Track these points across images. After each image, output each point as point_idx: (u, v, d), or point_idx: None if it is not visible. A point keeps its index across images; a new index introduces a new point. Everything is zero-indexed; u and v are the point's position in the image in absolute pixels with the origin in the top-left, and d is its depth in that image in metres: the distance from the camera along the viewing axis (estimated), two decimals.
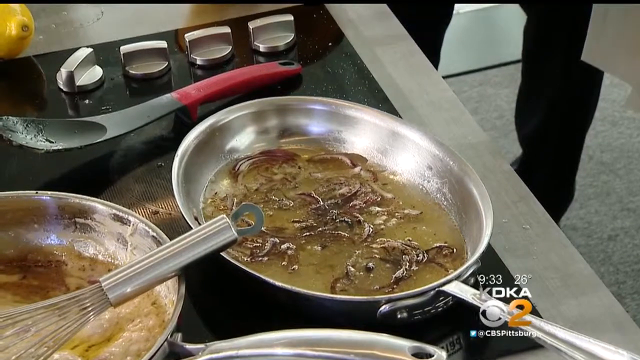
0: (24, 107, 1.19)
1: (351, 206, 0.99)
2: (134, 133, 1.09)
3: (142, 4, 1.33)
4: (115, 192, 1.03)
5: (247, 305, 0.88)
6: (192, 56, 1.23)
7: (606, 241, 2.15)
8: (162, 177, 1.03)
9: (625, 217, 2.22)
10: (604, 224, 2.20)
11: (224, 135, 1.04)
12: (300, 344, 0.76)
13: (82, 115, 1.13)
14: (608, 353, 0.78)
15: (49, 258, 0.91)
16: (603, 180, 2.31)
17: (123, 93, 1.19)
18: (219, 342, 0.78)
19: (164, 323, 0.83)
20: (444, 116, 1.14)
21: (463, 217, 0.96)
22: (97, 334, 0.84)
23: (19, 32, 1.19)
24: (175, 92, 1.12)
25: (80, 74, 1.18)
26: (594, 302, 0.91)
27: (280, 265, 0.91)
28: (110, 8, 1.34)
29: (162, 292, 0.86)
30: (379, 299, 0.84)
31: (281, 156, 1.06)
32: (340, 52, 1.24)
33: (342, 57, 1.23)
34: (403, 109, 1.12)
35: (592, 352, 0.78)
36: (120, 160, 1.08)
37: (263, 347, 0.77)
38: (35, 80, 1.22)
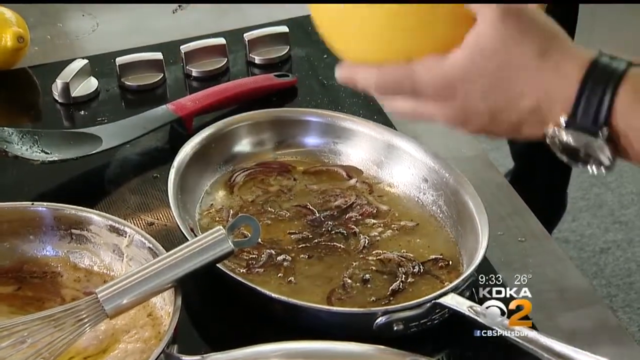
0: (19, 118, 1.19)
1: (347, 218, 0.99)
2: (129, 144, 1.09)
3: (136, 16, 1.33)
4: (111, 203, 1.02)
5: (243, 317, 0.88)
6: (187, 68, 1.23)
7: (598, 254, 2.15)
8: (158, 188, 1.03)
9: (617, 230, 2.22)
10: (596, 237, 2.20)
11: (219, 147, 1.04)
12: (296, 355, 0.76)
13: (78, 126, 1.13)
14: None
15: (45, 269, 0.91)
16: (595, 193, 2.31)
17: (118, 104, 1.18)
18: (215, 353, 0.78)
19: (160, 334, 0.83)
20: (439, 128, 1.13)
21: (459, 229, 0.96)
22: (92, 346, 0.83)
23: (15, 44, 1.19)
24: (171, 104, 1.12)
25: (76, 85, 1.17)
26: (590, 315, 0.91)
27: (277, 276, 0.91)
28: (105, 19, 1.34)
29: (158, 304, 0.85)
30: (376, 310, 0.84)
31: (277, 168, 1.06)
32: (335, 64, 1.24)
33: None
34: (398, 121, 1.12)
35: None
36: (116, 172, 1.07)
37: (259, 359, 0.77)
38: (30, 91, 1.22)
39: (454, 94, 0.70)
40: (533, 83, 0.68)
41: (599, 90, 0.66)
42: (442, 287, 0.88)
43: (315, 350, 0.77)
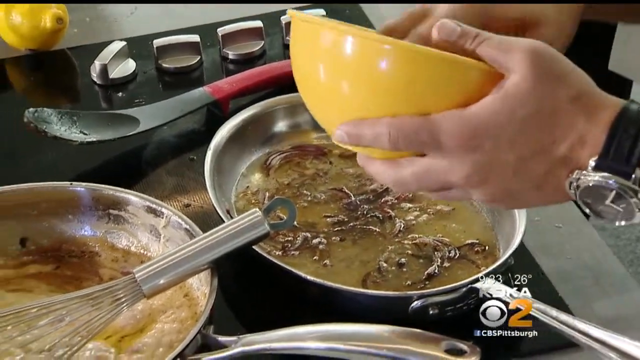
0: (58, 99, 1.19)
1: (382, 202, 0.98)
2: (166, 126, 1.09)
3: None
4: (148, 184, 1.03)
5: (278, 299, 0.88)
6: (224, 50, 1.22)
7: (634, 242, 2.13)
8: (195, 170, 1.03)
9: None
10: (632, 226, 2.16)
11: (256, 130, 1.04)
12: (332, 338, 0.75)
13: (115, 107, 1.13)
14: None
15: (83, 249, 0.92)
16: None
17: (156, 86, 1.19)
18: (252, 335, 0.77)
19: (197, 315, 0.83)
20: None
21: (495, 214, 0.95)
22: (130, 325, 0.84)
23: (54, 25, 1.20)
24: (208, 86, 1.12)
25: (114, 66, 1.18)
26: (627, 302, 0.91)
27: (312, 259, 0.91)
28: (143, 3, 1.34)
29: (195, 285, 0.86)
30: (411, 294, 0.84)
31: (313, 151, 1.06)
32: None
33: None
34: None
35: (626, 351, 0.77)
36: (153, 153, 1.08)
37: (295, 341, 0.76)
38: (69, 72, 1.23)
39: (480, 144, 0.66)
40: (568, 128, 0.66)
41: (633, 130, 0.65)
42: (478, 271, 0.88)
43: (350, 333, 0.76)
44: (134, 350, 0.81)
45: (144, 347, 0.81)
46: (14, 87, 1.23)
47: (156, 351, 0.81)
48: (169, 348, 0.81)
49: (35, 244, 0.92)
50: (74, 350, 0.77)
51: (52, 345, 0.77)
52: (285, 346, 0.76)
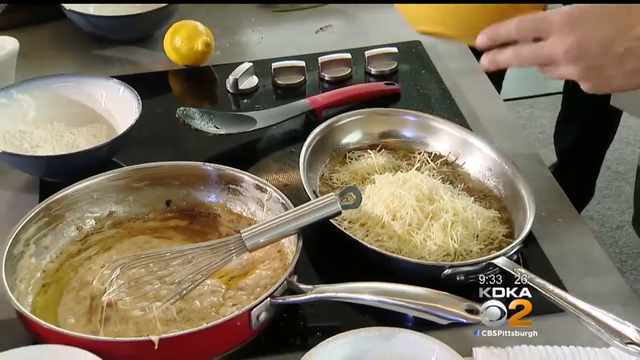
0: (201, 102, 1.18)
1: None
2: (276, 126, 1.06)
3: (290, 33, 1.30)
4: (259, 167, 1.00)
5: (346, 261, 0.85)
6: (321, 73, 1.19)
7: (615, 230, 2.05)
8: (293, 160, 1.00)
9: (631, 213, 2.10)
10: (614, 217, 2.09)
11: (338, 133, 1.01)
12: (382, 293, 0.73)
13: (241, 110, 1.11)
14: (616, 324, 0.71)
15: (209, 211, 0.90)
16: (616, 185, 2.20)
17: (270, 96, 1.16)
18: (324, 285, 0.76)
19: (285, 266, 0.81)
20: (503, 131, 1.07)
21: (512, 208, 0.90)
22: (237, 269, 0.83)
23: (203, 48, 1.18)
24: (308, 99, 1.10)
25: (242, 80, 1.16)
26: (606, 281, 0.85)
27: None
28: (268, 35, 1.32)
29: (286, 244, 0.84)
30: (444, 264, 0.80)
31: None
32: (430, 78, 1.18)
33: (431, 82, 1.18)
34: (473, 124, 1.07)
35: (603, 321, 0.72)
36: (264, 145, 1.05)
37: (355, 293, 0.74)
38: (211, 83, 1.21)
39: (575, 27, 0.69)
40: None
41: None
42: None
43: (396, 290, 0.74)
44: (239, 288, 0.80)
45: (246, 286, 0.80)
46: (172, 91, 1.22)
47: (255, 290, 0.80)
48: (264, 289, 0.79)
49: (176, 205, 0.91)
50: (195, 284, 0.77)
51: (181, 280, 0.77)
52: (348, 296, 0.74)
